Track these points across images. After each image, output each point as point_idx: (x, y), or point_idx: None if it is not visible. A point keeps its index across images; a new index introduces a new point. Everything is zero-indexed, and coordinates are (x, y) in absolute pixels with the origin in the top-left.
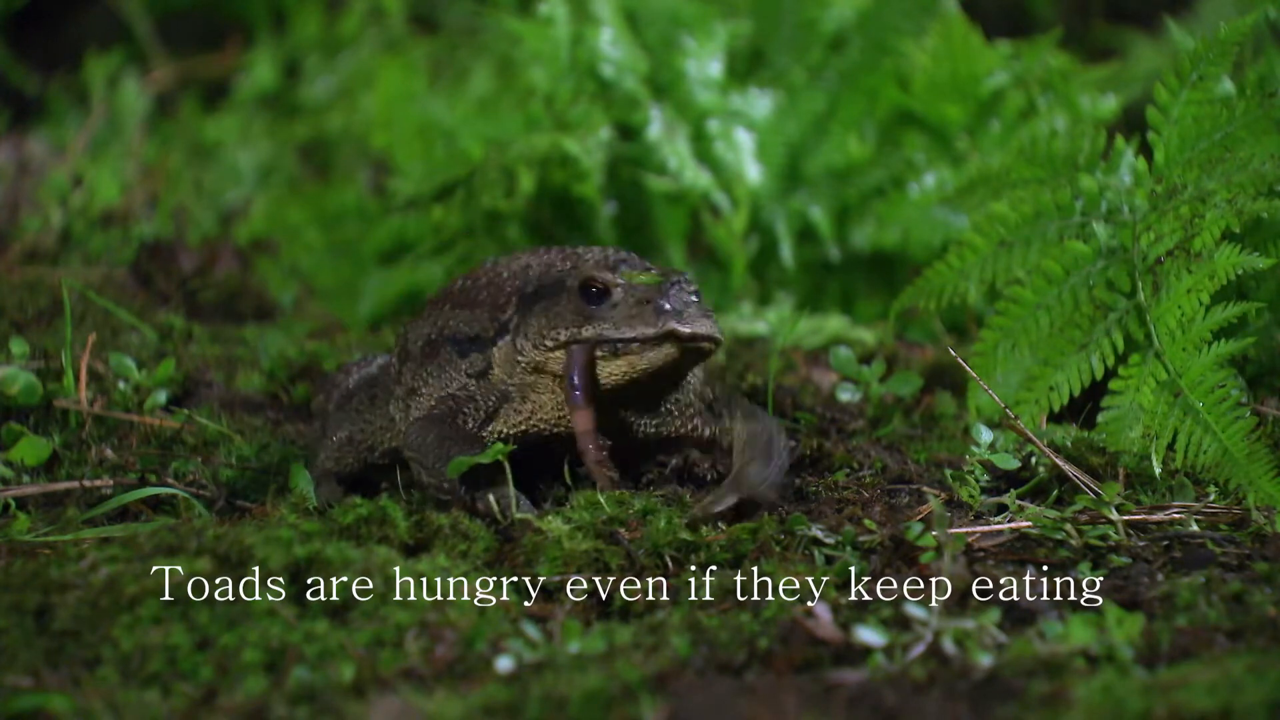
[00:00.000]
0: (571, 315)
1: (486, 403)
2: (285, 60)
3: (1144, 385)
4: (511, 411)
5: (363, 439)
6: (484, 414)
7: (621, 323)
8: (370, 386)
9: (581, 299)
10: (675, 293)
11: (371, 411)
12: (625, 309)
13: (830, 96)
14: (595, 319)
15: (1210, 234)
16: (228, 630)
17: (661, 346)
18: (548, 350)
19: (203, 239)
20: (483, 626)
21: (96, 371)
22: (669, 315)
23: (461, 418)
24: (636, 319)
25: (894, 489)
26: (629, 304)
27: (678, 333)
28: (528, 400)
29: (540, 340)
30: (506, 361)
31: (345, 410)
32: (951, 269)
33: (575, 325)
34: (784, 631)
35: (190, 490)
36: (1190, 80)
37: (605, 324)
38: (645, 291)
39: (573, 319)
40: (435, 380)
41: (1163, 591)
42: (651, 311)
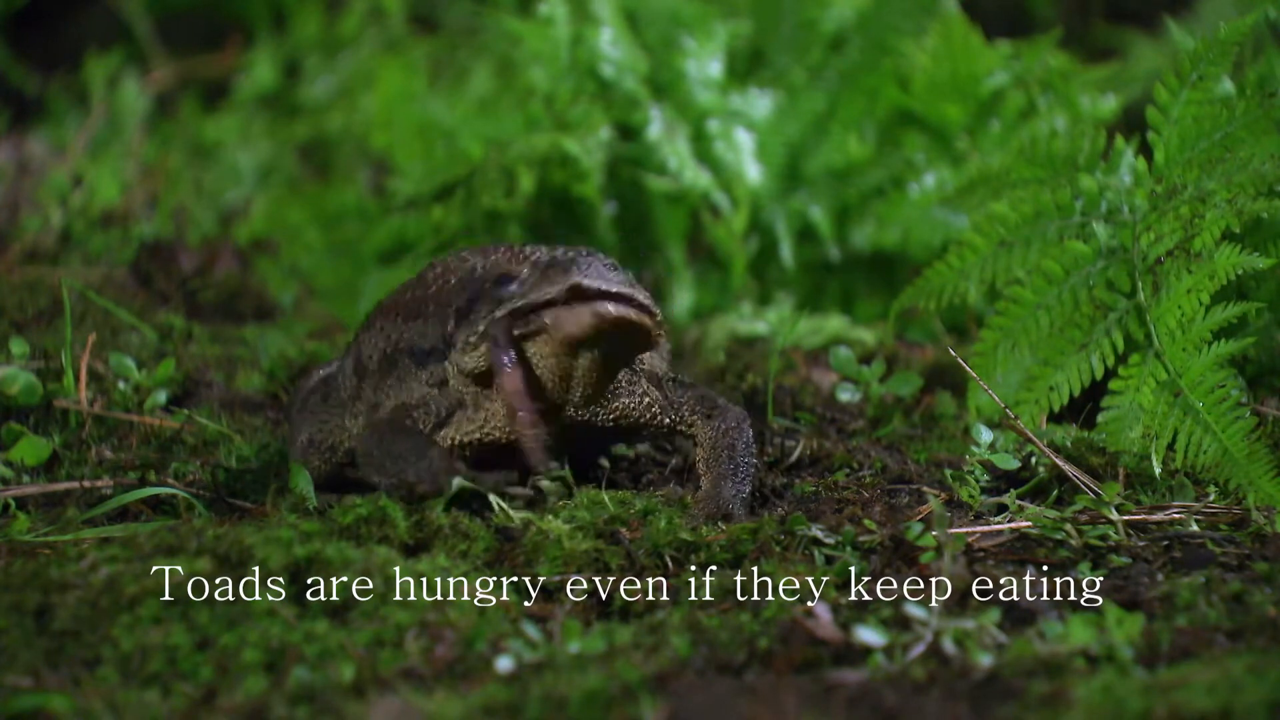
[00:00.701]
0: (486, 308)
1: (440, 409)
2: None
3: (1144, 385)
4: (465, 420)
5: (322, 439)
6: (435, 419)
7: (529, 292)
8: (324, 385)
9: (495, 290)
10: (586, 259)
11: (326, 411)
12: (530, 281)
13: (830, 96)
14: (505, 299)
15: (1210, 234)
16: (228, 630)
17: (575, 310)
18: (474, 349)
19: (203, 239)
20: (483, 626)
21: (96, 371)
22: (574, 273)
23: (412, 421)
24: (541, 282)
25: (894, 489)
26: (534, 276)
27: (583, 287)
28: (480, 409)
29: (466, 344)
30: (455, 376)
31: (304, 413)
32: (951, 269)
33: (489, 313)
34: (784, 631)
35: (190, 490)
36: (1190, 80)
37: (514, 300)
38: (550, 260)
39: (487, 310)
40: (395, 393)
41: (1163, 591)
42: (555, 272)
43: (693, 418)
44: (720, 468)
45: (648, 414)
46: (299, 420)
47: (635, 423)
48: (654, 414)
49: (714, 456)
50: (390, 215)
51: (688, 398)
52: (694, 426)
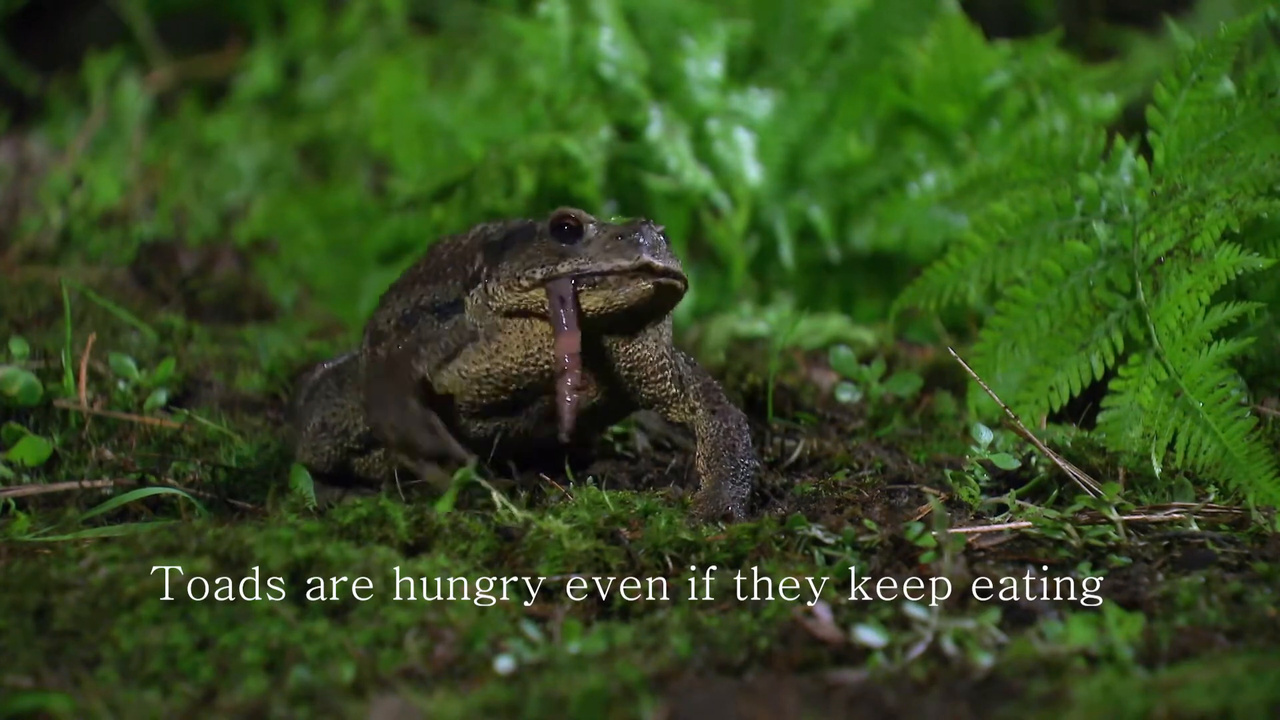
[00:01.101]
0: (545, 255)
1: (449, 343)
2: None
3: (1144, 385)
4: (474, 350)
5: (335, 423)
6: (443, 353)
7: (598, 256)
8: (337, 374)
9: (554, 238)
10: (647, 230)
11: (341, 395)
12: (599, 244)
13: (830, 96)
14: (570, 255)
15: (1210, 234)
16: (228, 630)
17: (637, 280)
18: (523, 290)
19: (203, 239)
20: (483, 626)
21: (96, 371)
22: (644, 249)
23: (417, 358)
24: (613, 252)
25: (894, 489)
26: (603, 239)
27: (653, 265)
28: (493, 341)
29: (514, 281)
30: (477, 308)
31: (315, 399)
32: (951, 269)
33: (551, 263)
34: (784, 631)
35: (190, 490)
36: (1190, 80)
37: (581, 259)
38: (618, 228)
39: (547, 258)
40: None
41: (1163, 591)
42: (627, 245)
43: (696, 403)
44: (721, 468)
45: (660, 373)
46: (309, 408)
47: (646, 376)
48: (665, 375)
49: (715, 455)
50: (390, 215)
51: (696, 379)
52: (696, 414)
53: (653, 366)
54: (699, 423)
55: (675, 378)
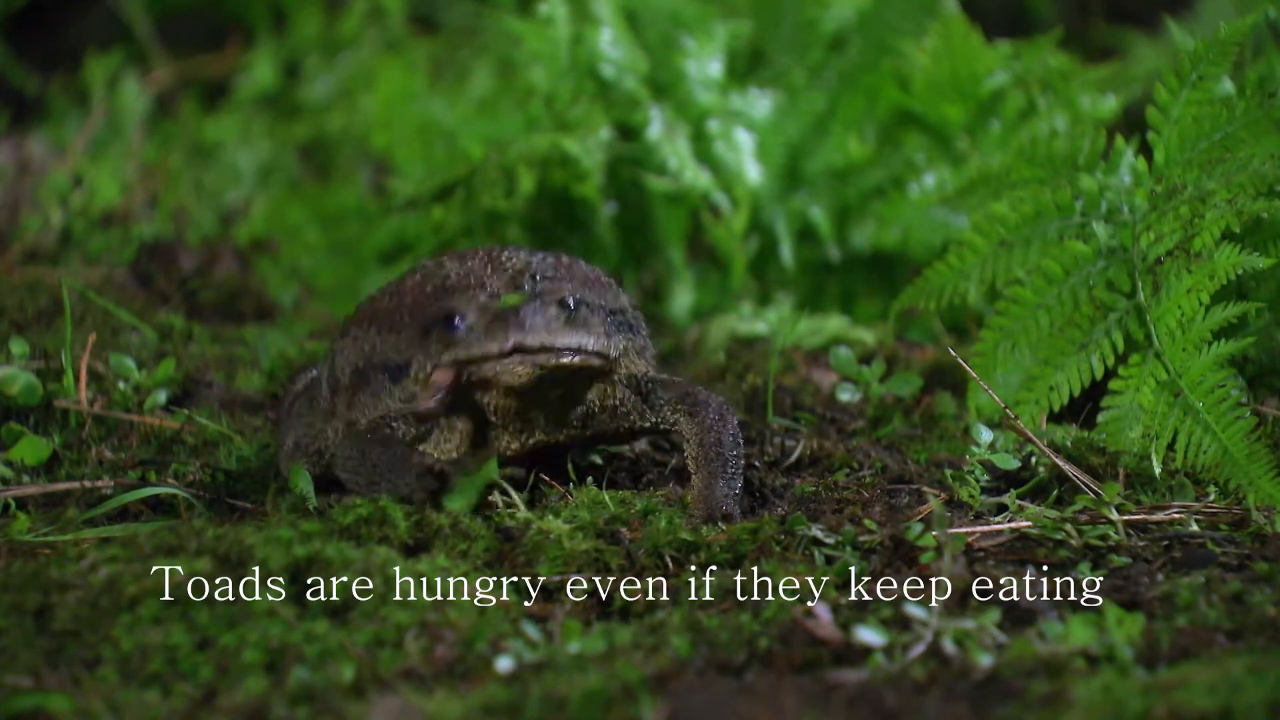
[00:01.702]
0: (436, 345)
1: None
2: (285, 60)
3: (1144, 385)
4: (441, 440)
5: (308, 443)
6: (415, 432)
7: (472, 342)
8: (309, 391)
9: (444, 327)
10: (533, 309)
11: (311, 414)
12: (478, 329)
13: (830, 96)
14: (453, 344)
15: (1210, 234)
16: (228, 630)
17: (513, 364)
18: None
19: (203, 239)
20: (483, 626)
21: (96, 371)
22: (518, 331)
23: (390, 431)
24: (486, 338)
25: (894, 489)
26: (482, 324)
27: (525, 345)
28: (454, 431)
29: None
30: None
31: (289, 418)
32: (951, 269)
33: (438, 354)
34: (784, 631)
35: (190, 490)
36: (1190, 80)
37: (458, 347)
38: (500, 311)
39: (436, 349)
40: (370, 409)
41: (1163, 591)
42: (500, 329)
43: (675, 416)
44: (710, 466)
45: (625, 423)
46: (285, 425)
47: (616, 433)
48: (632, 421)
49: (703, 455)
50: (390, 215)
51: (668, 398)
52: (678, 423)
53: (614, 423)
54: (681, 426)
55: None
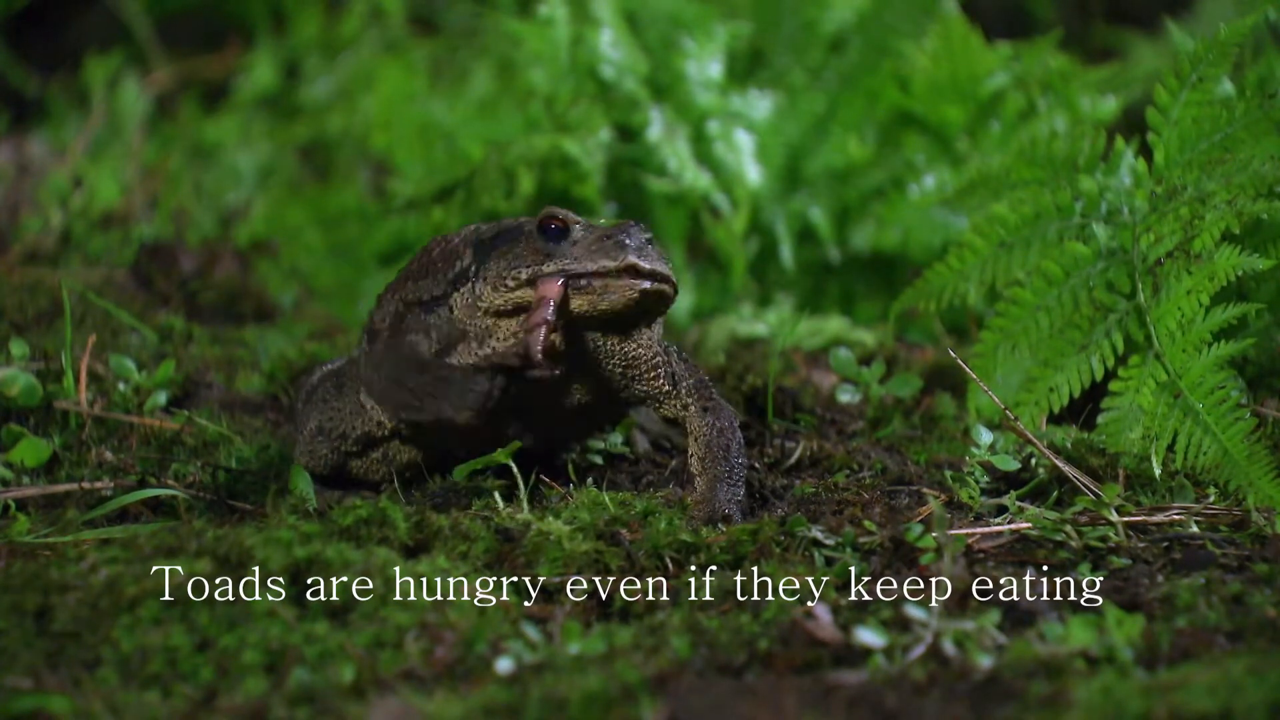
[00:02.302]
0: (531, 255)
1: (443, 334)
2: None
3: (1144, 386)
4: (466, 351)
5: (332, 427)
6: (439, 343)
7: (584, 257)
8: (336, 377)
9: (541, 238)
10: (634, 232)
11: (339, 399)
12: (585, 245)
13: (830, 98)
14: (556, 255)
15: (1210, 235)
16: (228, 631)
17: (622, 283)
18: (509, 290)
19: (203, 240)
20: (483, 627)
21: (96, 373)
22: (630, 250)
23: (414, 344)
24: (598, 253)
25: (894, 490)
26: (589, 240)
27: (638, 267)
28: (485, 345)
29: (500, 282)
30: (467, 308)
31: (312, 402)
32: (951, 270)
33: (536, 263)
34: (784, 632)
35: (190, 492)
36: (1190, 81)
37: (566, 259)
38: (605, 229)
39: (533, 258)
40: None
41: (1163, 593)
42: (613, 245)
43: (689, 399)
44: (716, 470)
45: (653, 371)
46: (306, 411)
47: (640, 374)
48: (658, 374)
49: (709, 457)
50: (390, 216)
51: (689, 375)
52: (689, 410)
53: (646, 365)
54: (691, 420)
55: (669, 375)
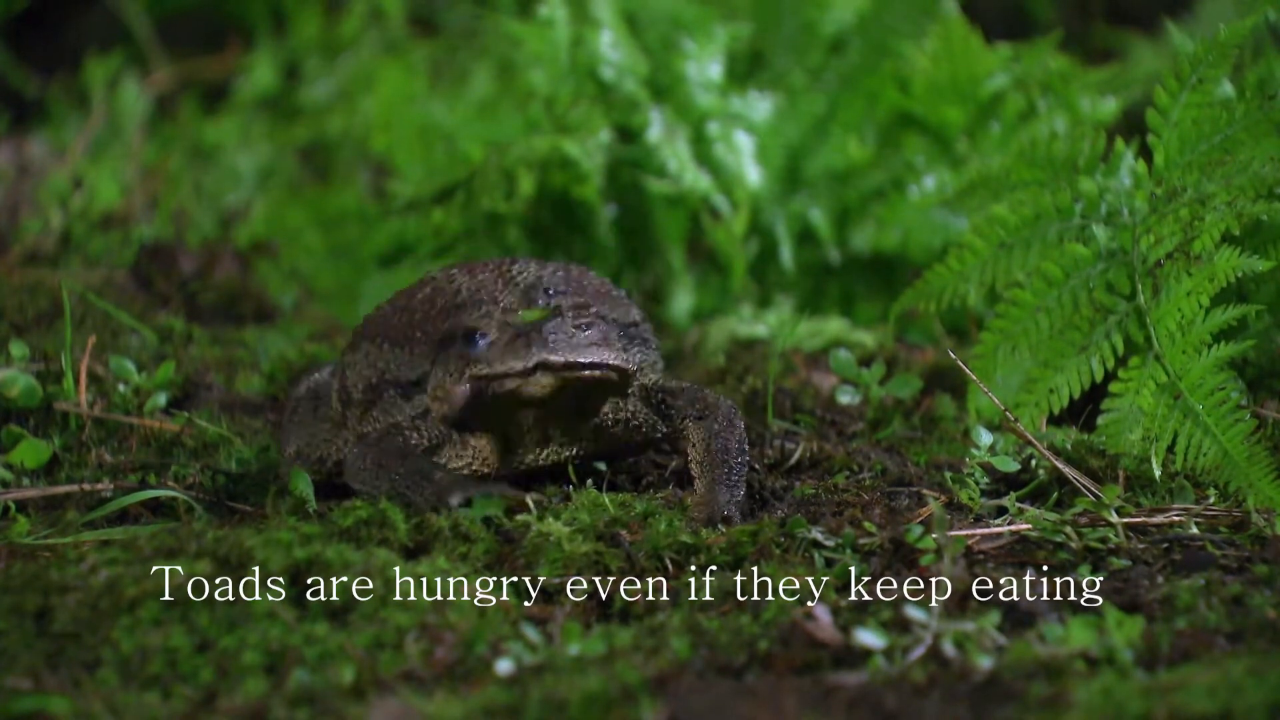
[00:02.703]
0: (456, 362)
1: (428, 435)
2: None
3: (1144, 388)
4: (453, 455)
5: (309, 451)
6: (427, 443)
7: (495, 360)
8: (313, 398)
9: (464, 344)
10: (556, 325)
11: (314, 423)
12: (499, 346)
13: (830, 99)
14: (474, 360)
15: (1210, 236)
16: (228, 632)
17: (537, 378)
18: (440, 402)
19: (203, 241)
20: (483, 628)
21: (96, 374)
22: (542, 347)
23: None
24: (509, 354)
25: (894, 491)
26: (503, 341)
27: (549, 362)
28: (467, 447)
29: (435, 393)
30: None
31: (292, 423)
32: (951, 271)
33: (458, 370)
34: (784, 633)
35: (190, 493)
36: (1190, 83)
37: (481, 364)
38: (522, 327)
39: (456, 365)
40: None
41: (1163, 594)
42: (523, 345)
43: (684, 421)
44: (715, 472)
45: (638, 435)
46: (287, 430)
47: (629, 445)
48: (644, 434)
49: (708, 459)
50: (390, 218)
51: (679, 404)
52: (686, 427)
53: (626, 435)
54: (689, 430)
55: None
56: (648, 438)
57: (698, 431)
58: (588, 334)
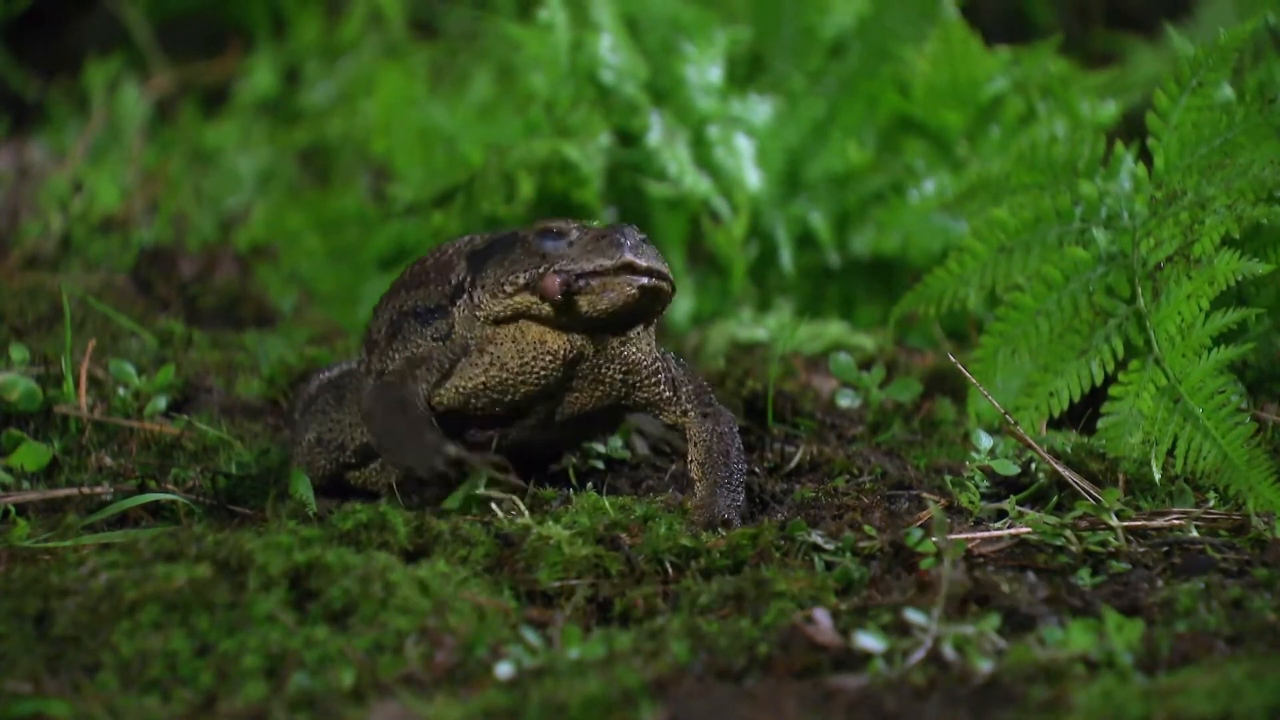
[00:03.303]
0: (528, 259)
1: (443, 361)
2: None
3: (1144, 391)
4: (469, 365)
5: (331, 438)
6: (439, 372)
7: (580, 257)
8: (336, 388)
9: (538, 241)
10: (629, 232)
11: (339, 410)
12: (581, 245)
13: (830, 102)
14: (553, 256)
15: (1210, 240)
16: (228, 636)
17: (620, 280)
18: (508, 296)
19: (203, 245)
20: (482, 632)
21: (96, 377)
22: (625, 248)
23: (414, 379)
24: (594, 252)
25: (894, 495)
26: (584, 241)
27: (634, 264)
28: (485, 353)
29: (499, 288)
30: (466, 319)
31: (311, 412)
32: (951, 275)
33: (534, 266)
34: (784, 637)
35: (190, 496)
36: (1190, 86)
37: (563, 259)
38: (600, 230)
39: (530, 262)
40: (401, 353)
41: (1162, 597)
42: (608, 244)
43: (689, 405)
44: (716, 475)
45: (653, 377)
46: (305, 420)
47: (640, 380)
48: (658, 379)
49: (709, 462)
50: (390, 221)
51: (689, 381)
52: (688, 417)
53: (646, 370)
54: (691, 425)
55: (669, 380)
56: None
57: (701, 430)
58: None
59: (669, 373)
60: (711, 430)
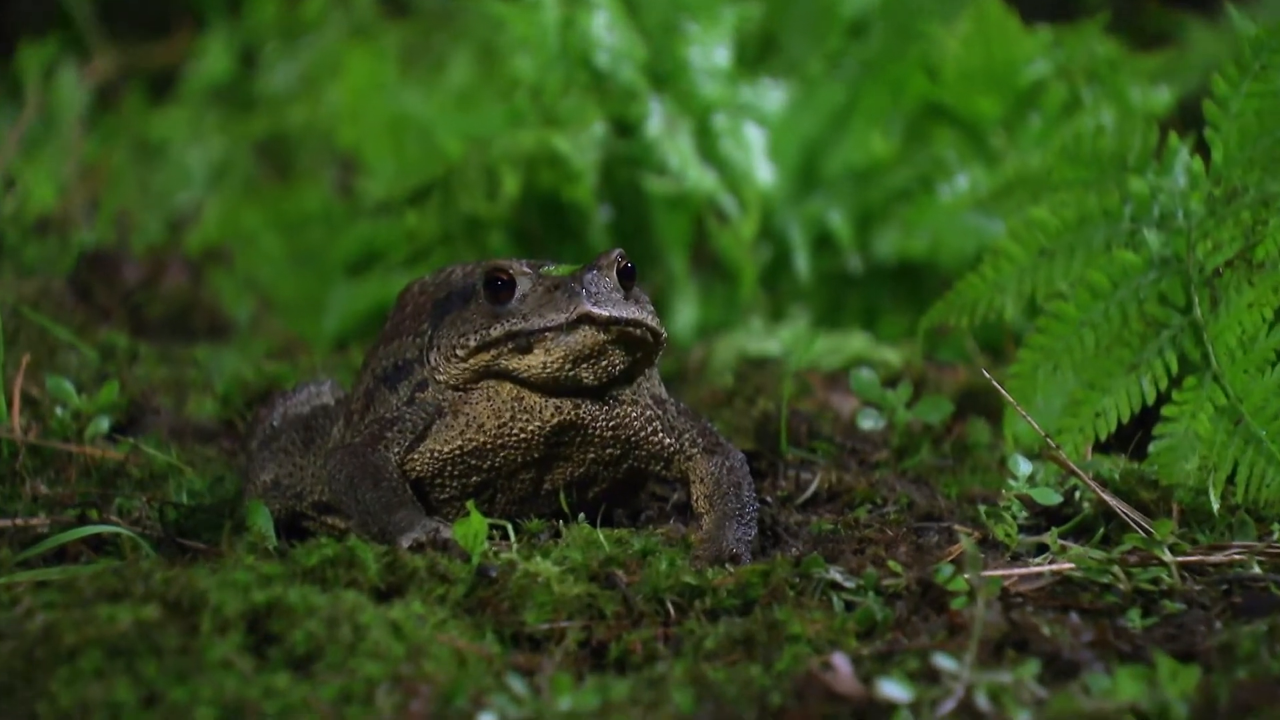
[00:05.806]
0: (480, 318)
1: (415, 423)
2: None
3: (1200, 411)
4: (444, 428)
5: (289, 484)
6: (412, 435)
7: (531, 314)
8: (305, 428)
9: (488, 297)
10: (591, 278)
11: (304, 455)
12: (534, 300)
13: (850, 88)
14: (504, 316)
15: (1274, 242)
16: (178, 684)
17: (578, 331)
18: (461, 361)
19: (149, 247)
20: (462, 680)
21: (31, 396)
22: (584, 298)
23: (385, 443)
24: (547, 307)
25: (922, 527)
26: (538, 294)
27: (593, 315)
28: (460, 415)
29: (452, 353)
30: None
31: (271, 450)
32: (986, 281)
33: (484, 328)
34: (798, 686)
35: (136, 529)
36: (1252, 70)
37: (514, 319)
38: (556, 279)
39: (481, 321)
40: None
41: (1221, 641)
42: (563, 297)
43: (693, 449)
44: (725, 506)
45: (648, 428)
46: (264, 457)
47: (635, 436)
48: (655, 429)
49: (718, 494)
50: (359, 220)
51: (689, 425)
52: (693, 460)
53: (638, 423)
54: (697, 464)
55: (667, 428)
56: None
57: (706, 466)
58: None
59: (666, 420)
60: (720, 463)
